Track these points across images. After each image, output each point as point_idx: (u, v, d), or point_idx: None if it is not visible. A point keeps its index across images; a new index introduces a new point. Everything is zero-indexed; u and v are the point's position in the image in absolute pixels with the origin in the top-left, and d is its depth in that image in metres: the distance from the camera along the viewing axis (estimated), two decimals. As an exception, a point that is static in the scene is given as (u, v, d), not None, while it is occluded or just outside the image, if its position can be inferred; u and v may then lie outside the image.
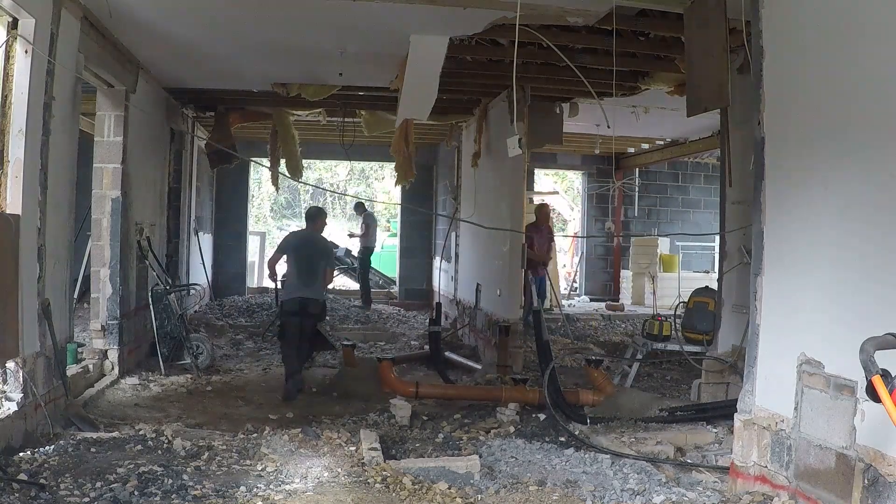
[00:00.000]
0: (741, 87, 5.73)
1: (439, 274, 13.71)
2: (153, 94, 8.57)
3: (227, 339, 10.40)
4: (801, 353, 3.89)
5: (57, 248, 5.41)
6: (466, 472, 4.39)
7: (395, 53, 7.12)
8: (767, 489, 4.07)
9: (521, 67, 7.59)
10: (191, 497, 3.87)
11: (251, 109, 10.54)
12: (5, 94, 4.73)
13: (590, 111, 9.20)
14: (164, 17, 6.30)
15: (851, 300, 3.59)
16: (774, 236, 4.21)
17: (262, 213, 25.65)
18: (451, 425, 5.90)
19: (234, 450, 4.75)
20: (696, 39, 5.32)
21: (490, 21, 6.11)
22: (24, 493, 3.81)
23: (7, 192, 4.71)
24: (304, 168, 12.06)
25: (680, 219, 15.77)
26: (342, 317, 12.57)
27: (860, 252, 3.56)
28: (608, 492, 4.24)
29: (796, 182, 4.05)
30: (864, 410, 3.43)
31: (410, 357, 9.04)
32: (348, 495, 3.95)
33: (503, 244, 8.72)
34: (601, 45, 6.72)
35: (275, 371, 8.43)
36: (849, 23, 3.69)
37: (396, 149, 10.07)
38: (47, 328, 5.17)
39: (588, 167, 15.60)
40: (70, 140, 5.70)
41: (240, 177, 14.57)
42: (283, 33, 6.83)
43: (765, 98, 4.29)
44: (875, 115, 3.50)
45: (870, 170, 3.51)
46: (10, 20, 4.71)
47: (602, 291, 15.52)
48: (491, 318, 9.12)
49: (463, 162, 11.59)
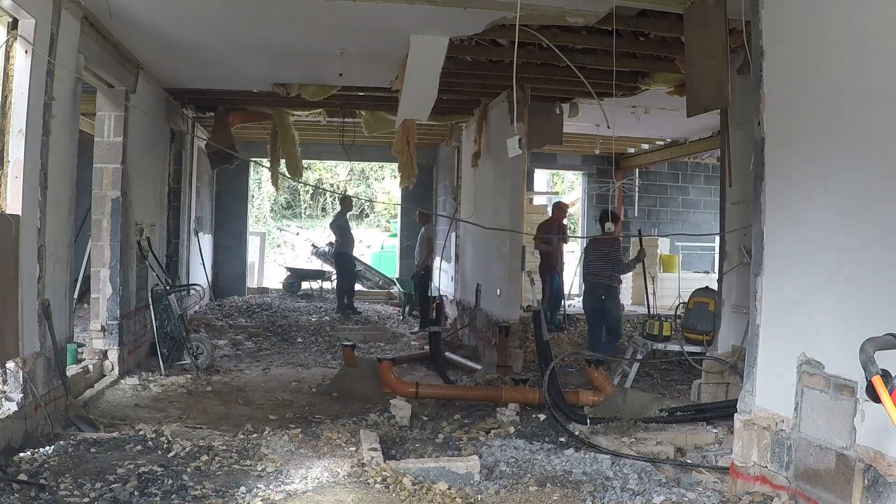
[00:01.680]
0: (741, 87, 5.74)
1: (439, 274, 13.71)
2: (153, 94, 8.57)
3: (227, 339, 10.40)
4: (801, 353, 3.89)
5: (57, 249, 5.41)
6: (466, 472, 4.39)
7: (395, 53, 7.12)
8: (767, 489, 4.07)
9: (521, 68, 7.59)
10: (191, 497, 3.87)
11: (251, 110, 10.54)
12: (5, 94, 4.73)
13: (590, 111, 9.20)
14: (164, 17, 6.30)
15: (851, 300, 3.59)
16: (774, 236, 4.21)
17: (262, 214, 25.62)
18: (451, 426, 5.90)
19: (233, 450, 4.75)
20: (696, 40, 5.32)
21: (490, 21, 6.11)
22: (24, 494, 3.81)
23: (7, 192, 4.71)
24: (305, 168, 12.08)
25: (680, 219, 15.77)
26: (342, 317, 12.57)
27: (860, 252, 3.56)
28: (608, 492, 4.24)
29: (796, 182, 4.05)
30: (864, 411, 3.43)
31: (410, 357, 9.04)
32: (348, 496, 3.95)
33: (503, 244, 8.72)
34: (601, 45, 6.72)
35: (275, 371, 8.43)
36: (849, 23, 3.69)
37: (398, 150, 10.09)
38: (47, 328, 5.16)
39: (588, 167, 15.60)
40: (70, 140, 5.70)
41: (240, 177, 14.58)
42: (284, 33, 6.84)
43: (765, 98, 4.29)
44: (875, 114, 3.50)
45: (870, 170, 3.51)
46: (10, 20, 4.71)
47: (602, 292, 15.50)
48: (491, 319, 9.12)
49: (463, 162, 11.59)
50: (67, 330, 5.81)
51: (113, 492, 3.86)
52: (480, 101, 9.82)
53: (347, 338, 9.31)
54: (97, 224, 7.24)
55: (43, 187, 5.04)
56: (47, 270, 5.16)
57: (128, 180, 7.39)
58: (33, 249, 4.96)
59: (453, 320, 11.64)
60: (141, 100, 7.76)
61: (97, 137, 7.27)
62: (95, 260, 7.29)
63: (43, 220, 5.06)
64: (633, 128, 11.00)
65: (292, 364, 8.96)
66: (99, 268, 7.25)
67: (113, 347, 7.18)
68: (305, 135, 11.99)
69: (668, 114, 9.61)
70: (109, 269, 7.23)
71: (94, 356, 7.00)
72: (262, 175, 21.51)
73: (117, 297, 7.24)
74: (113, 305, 7.23)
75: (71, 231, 5.85)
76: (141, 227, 8.02)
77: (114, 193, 7.22)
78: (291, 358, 9.38)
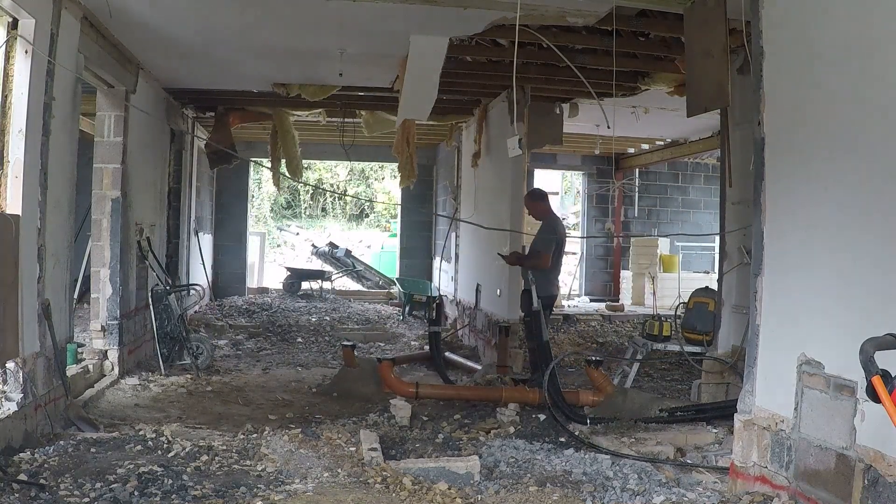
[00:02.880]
0: (741, 87, 5.74)
1: (439, 274, 13.71)
2: (153, 94, 8.57)
3: (227, 339, 10.41)
4: (800, 353, 3.89)
5: (57, 249, 5.41)
6: (466, 472, 4.38)
7: (395, 53, 7.12)
8: (767, 489, 4.07)
9: (521, 68, 7.60)
10: (191, 497, 3.86)
11: (251, 110, 10.54)
12: (5, 95, 4.73)
13: (590, 111, 9.20)
14: (164, 17, 6.30)
15: (851, 300, 3.59)
16: (774, 236, 4.21)
17: (262, 214, 25.61)
18: (451, 426, 5.89)
19: (233, 450, 4.75)
20: (696, 40, 5.32)
21: (490, 21, 6.11)
22: (24, 494, 3.81)
23: (7, 192, 4.71)
24: (305, 168, 12.08)
25: (680, 219, 15.76)
26: (342, 317, 12.58)
27: (860, 252, 3.56)
28: (608, 492, 4.24)
29: (796, 182, 4.05)
30: (864, 411, 3.43)
31: (410, 357, 9.04)
32: (348, 496, 3.95)
33: (503, 245, 8.72)
34: (601, 45, 6.72)
35: (274, 371, 8.44)
36: (849, 22, 3.68)
37: (398, 149, 10.09)
38: (47, 328, 5.17)
39: (588, 167, 15.60)
40: (70, 140, 5.70)
41: (240, 177, 14.57)
42: (284, 33, 6.84)
43: (765, 98, 4.29)
44: (876, 114, 3.49)
45: (870, 170, 3.51)
46: (10, 20, 4.71)
47: (602, 292, 15.53)
48: (491, 319, 9.12)
49: (463, 162, 11.60)
50: (67, 330, 5.81)
51: (113, 492, 3.85)
52: (480, 102, 9.82)
53: (347, 338, 9.31)
54: (97, 224, 7.24)
55: (43, 187, 5.04)
56: (47, 270, 5.16)
57: (128, 180, 7.39)
58: (33, 249, 4.96)
59: (453, 320, 11.65)
60: (141, 100, 7.76)
61: (97, 137, 7.27)
62: (95, 260, 7.29)
63: (43, 220, 5.06)
64: (633, 128, 11.00)
65: (292, 364, 8.96)
66: (99, 268, 7.25)
67: (113, 347, 7.18)
68: (305, 135, 11.99)
69: (668, 114, 9.61)
70: (109, 269, 7.23)
71: (94, 356, 7.00)
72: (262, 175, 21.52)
73: (117, 297, 7.24)
74: (113, 305, 7.23)
75: (71, 231, 5.85)
76: (141, 227, 8.02)
77: (114, 193, 7.22)
78: (291, 358, 9.39)
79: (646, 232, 15.35)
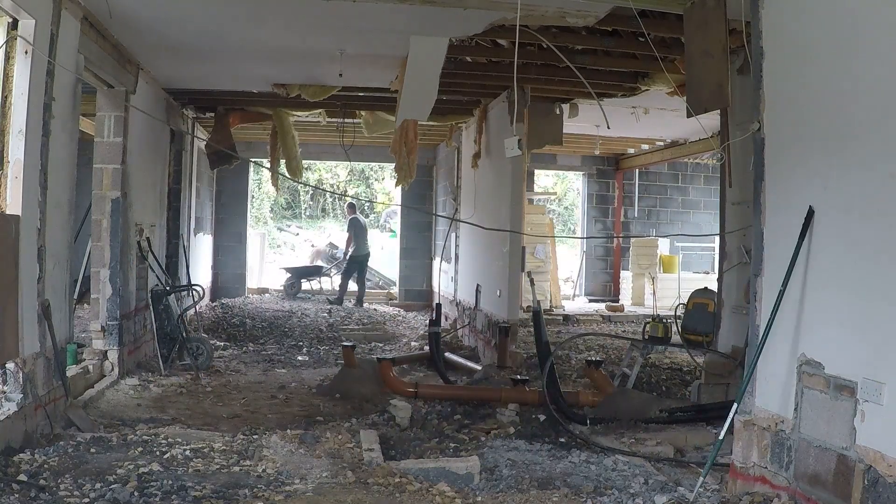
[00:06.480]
0: (741, 88, 5.74)
1: (439, 275, 13.71)
2: (153, 94, 8.57)
3: (226, 339, 10.40)
4: (801, 353, 3.89)
5: (57, 249, 5.41)
6: (466, 472, 4.38)
7: (395, 54, 7.12)
8: (767, 490, 4.07)
9: (520, 68, 7.59)
10: (191, 498, 3.86)
11: (251, 110, 10.54)
12: (5, 95, 4.72)
13: (590, 112, 9.20)
14: (164, 17, 6.29)
15: (851, 301, 3.59)
16: (774, 236, 4.21)
17: (262, 214, 25.58)
18: (451, 426, 5.89)
19: (233, 450, 4.75)
20: (696, 40, 5.32)
21: (490, 22, 6.11)
22: (23, 494, 3.80)
23: (7, 192, 4.70)
24: (305, 169, 12.06)
25: (680, 220, 15.78)
26: (342, 317, 12.58)
27: (860, 252, 3.56)
28: (608, 492, 4.24)
29: (796, 182, 4.05)
30: (864, 411, 3.43)
31: (410, 357, 9.03)
32: (348, 496, 3.95)
33: (503, 245, 8.72)
34: (601, 45, 6.72)
35: (274, 372, 8.44)
36: (849, 23, 3.69)
37: (396, 149, 10.09)
38: (47, 329, 5.16)
39: (588, 168, 15.61)
40: (70, 140, 5.69)
41: (240, 177, 14.57)
42: (284, 34, 6.83)
43: (765, 98, 4.29)
44: (875, 114, 3.50)
45: (870, 170, 3.51)
46: (10, 20, 4.70)
47: (602, 292, 15.54)
48: (491, 319, 9.12)
49: (463, 163, 11.59)
50: (67, 330, 5.80)
51: (113, 492, 3.85)
52: (480, 102, 9.82)
53: (347, 338, 9.31)
54: (97, 224, 7.23)
55: (43, 187, 5.03)
56: (47, 271, 5.16)
57: (128, 181, 7.39)
58: (33, 250, 4.96)
59: (453, 320, 11.64)
60: (141, 100, 7.75)
61: (97, 138, 7.26)
62: (95, 260, 7.28)
63: (43, 221, 5.05)
64: (633, 128, 11.00)
65: (292, 364, 8.96)
66: (99, 268, 7.25)
67: (113, 348, 7.17)
68: (305, 135, 11.99)
69: (667, 114, 9.62)
70: (109, 269, 7.23)
71: (94, 356, 7.00)
72: (262, 175, 21.48)
73: (117, 297, 7.24)
74: (113, 306, 7.23)
75: (71, 231, 5.84)
76: (141, 228, 8.02)
77: (114, 194, 7.22)
78: (291, 358, 9.38)
79: (646, 232, 15.36)
